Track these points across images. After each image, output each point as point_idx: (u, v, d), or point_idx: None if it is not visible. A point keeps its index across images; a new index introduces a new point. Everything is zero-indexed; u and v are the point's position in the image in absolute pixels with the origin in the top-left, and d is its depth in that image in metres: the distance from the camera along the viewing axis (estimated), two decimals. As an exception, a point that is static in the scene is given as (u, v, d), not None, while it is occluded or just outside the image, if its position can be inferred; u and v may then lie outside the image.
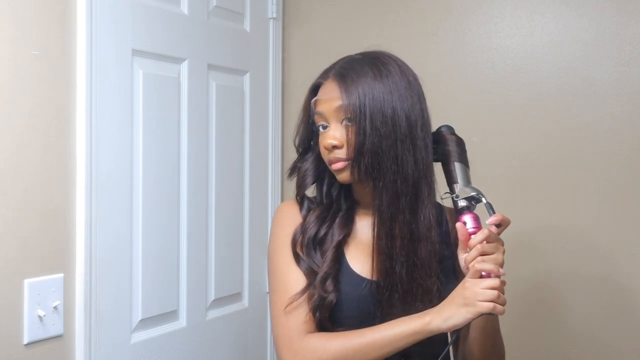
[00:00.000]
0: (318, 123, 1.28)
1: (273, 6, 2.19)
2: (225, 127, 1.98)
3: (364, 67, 1.25)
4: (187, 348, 1.83)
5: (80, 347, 1.51)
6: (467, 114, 2.00)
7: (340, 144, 1.24)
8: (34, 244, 1.42)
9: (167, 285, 1.78)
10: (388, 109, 1.21)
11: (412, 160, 1.22)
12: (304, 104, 1.32)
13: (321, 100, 1.27)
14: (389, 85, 1.23)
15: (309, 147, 1.34)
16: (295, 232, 1.30)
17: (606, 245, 1.85)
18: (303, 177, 1.34)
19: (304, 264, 1.27)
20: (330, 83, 1.27)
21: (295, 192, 1.36)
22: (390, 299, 1.24)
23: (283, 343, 1.25)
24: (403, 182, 1.22)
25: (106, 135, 1.57)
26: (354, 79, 1.23)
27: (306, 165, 1.33)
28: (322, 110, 1.26)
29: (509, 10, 1.96)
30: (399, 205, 1.22)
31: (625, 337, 1.84)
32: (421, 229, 1.25)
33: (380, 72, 1.24)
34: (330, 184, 1.33)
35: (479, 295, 1.14)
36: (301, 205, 1.34)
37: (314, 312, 1.23)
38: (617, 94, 1.83)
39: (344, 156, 1.24)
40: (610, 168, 1.84)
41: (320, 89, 1.29)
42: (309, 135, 1.33)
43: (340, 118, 1.24)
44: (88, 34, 1.51)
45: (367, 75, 1.23)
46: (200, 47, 1.89)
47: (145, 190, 1.69)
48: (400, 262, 1.23)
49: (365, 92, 1.21)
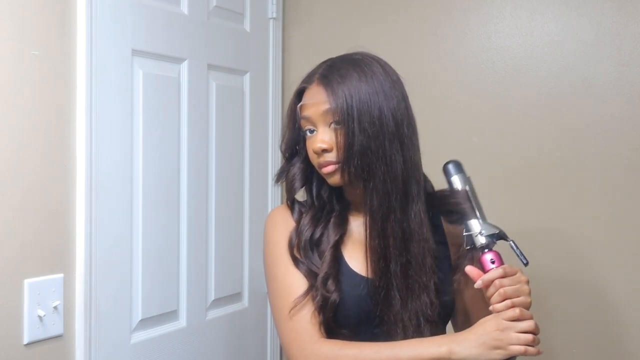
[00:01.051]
0: (305, 128, 1.28)
1: (273, 6, 2.19)
2: (225, 127, 1.98)
3: (348, 69, 1.25)
4: (187, 348, 1.83)
5: (80, 347, 1.51)
6: (467, 113, 2.01)
7: (330, 147, 1.24)
8: (34, 244, 1.42)
9: (167, 285, 1.78)
10: (375, 109, 1.21)
11: (401, 159, 1.23)
12: (289, 108, 1.32)
13: (307, 104, 1.27)
14: (374, 85, 1.23)
15: (296, 151, 1.34)
16: (290, 236, 1.30)
17: (606, 246, 1.85)
18: (292, 182, 1.34)
19: (303, 266, 1.27)
20: (315, 87, 1.27)
21: (286, 197, 1.36)
22: (388, 297, 1.24)
23: (295, 347, 1.24)
24: (393, 182, 1.22)
25: (106, 135, 1.57)
26: (339, 81, 1.23)
27: (294, 170, 1.34)
28: (309, 115, 1.26)
29: (509, 10, 1.96)
30: (389, 204, 1.23)
31: (625, 337, 1.84)
32: (412, 227, 1.25)
33: (365, 73, 1.24)
34: (319, 186, 1.34)
35: (514, 340, 1.13)
36: (292, 210, 1.35)
37: (319, 313, 1.23)
38: (617, 94, 1.83)
39: (334, 159, 1.24)
40: (610, 168, 1.84)
41: (305, 94, 1.29)
42: (295, 140, 1.33)
43: (328, 121, 1.24)
44: (88, 34, 1.51)
45: (352, 77, 1.23)
46: (200, 47, 1.89)
47: (145, 190, 1.69)
48: (394, 261, 1.24)
49: (351, 94, 1.21)
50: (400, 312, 1.22)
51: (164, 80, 1.77)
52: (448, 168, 1.30)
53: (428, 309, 1.23)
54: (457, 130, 2.01)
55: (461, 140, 2.00)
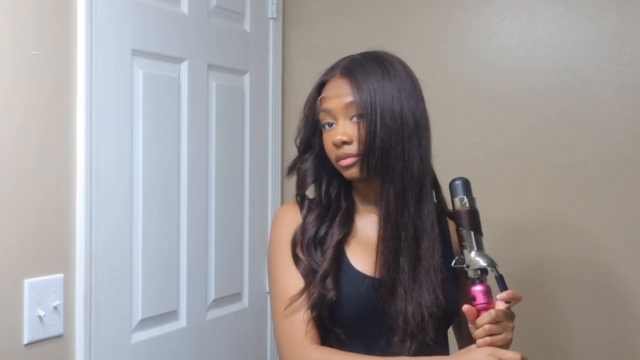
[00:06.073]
0: (324, 121, 1.28)
1: (273, 6, 2.19)
2: (225, 127, 1.98)
3: (372, 65, 1.26)
4: (187, 348, 1.83)
5: (80, 347, 1.51)
6: (467, 114, 2.01)
7: (350, 140, 1.24)
8: (34, 243, 1.42)
9: (167, 285, 1.78)
10: (397, 106, 1.23)
11: (418, 157, 1.25)
12: (307, 101, 1.32)
13: (329, 97, 1.27)
14: (397, 83, 1.25)
15: (310, 146, 1.34)
16: (295, 233, 1.30)
17: (606, 245, 1.85)
18: (303, 177, 1.34)
19: (303, 265, 1.27)
20: (338, 80, 1.27)
21: (295, 192, 1.36)
22: (393, 293, 1.24)
23: (286, 350, 1.25)
24: (409, 179, 1.24)
25: (106, 135, 1.57)
26: (363, 75, 1.24)
27: (307, 165, 1.33)
28: (330, 107, 1.26)
29: (509, 10, 1.96)
30: (405, 200, 1.24)
31: (625, 337, 1.84)
32: (425, 224, 1.26)
33: (388, 70, 1.25)
34: (329, 184, 1.33)
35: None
36: (302, 206, 1.34)
37: (313, 310, 1.23)
38: (617, 94, 1.84)
39: (353, 152, 1.24)
40: (610, 168, 1.84)
41: (327, 86, 1.28)
42: (311, 134, 1.32)
43: (349, 114, 1.24)
44: (88, 34, 1.51)
45: (376, 73, 1.25)
46: (200, 47, 1.89)
47: (145, 190, 1.69)
48: (404, 256, 1.24)
49: (375, 89, 1.23)
50: (404, 307, 1.22)
51: (164, 80, 1.77)
52: (451, 187, 1.31)
53: (434, 305, 1.24)
54: (457, 130, 2.01)
55: (461, 140, 2.00)
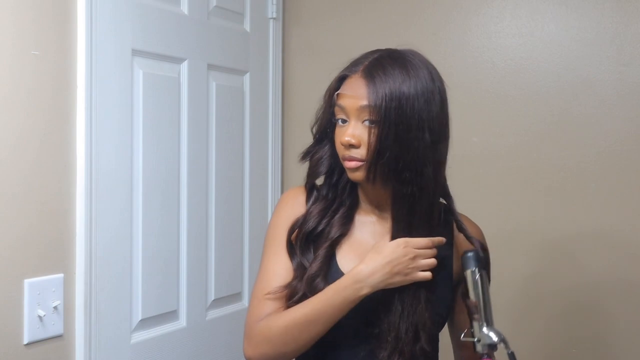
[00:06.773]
0: (338, 115, 1.23)
1: (273, 6, 2.19)
2: (225, 127, 1.98)
3: (395, 67, 1.20)
4: (187, 348, 1.83)
5: (80, 347, 1.51)
6: (467, 114, 2.00)
7: (358, 144, 1.19)
8: (34, 243, 1.42)
9: (167, 285, 1.78)
10: (414, 117, 1.17)
11: (431, 170, 1.20)
12: (327, 92, 1.27)
13: (345, 95, 1.22)
14: (417, 90, 1.18)
15: (326, 135, 1.29)
16: (296, 221, 1.28)
17: (606, 245, 1.85)
18: (316, 165, 1.30)
19: (296, 258, 1.25)
20: (356, 79, 1.21)
21: (305, 180, 1.32)
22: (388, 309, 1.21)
23: (245, 331, 1.25)
24: (420, 193, 1.20)
25: (106, 135, 1.57)
26: (382, 79, 1.18)
27: (321, 153, 1.29)
28: (345, 105, 1.21)
29: (509, 10, 1.96)
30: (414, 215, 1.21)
31: (625, 336, 1.84)
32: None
33: (410, 75, 1.19)
34: (339, 177, 1.30)
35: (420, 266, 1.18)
36: (309, 194, 1.31)
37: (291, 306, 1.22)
38: (617, 94, 1.84)
39: (359, 156, 1.20)
40: (610, 168, 1.84)
41: (346, 82, 1.24)
42: (328, 124, 1.27)
43: (362, 117, 1.19)
44: (88, 34, 1.51)
45: (396, 77, 1.18)
46: (200, 47, 1.89)
47: (145, 190, 1.69)
48: None
49: (392, 96, 1.17)
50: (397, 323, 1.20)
51: (164, 80, 1.77)
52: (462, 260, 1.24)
53: (428, 321, 1.22)
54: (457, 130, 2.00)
55: (461, 140, 1.99)
